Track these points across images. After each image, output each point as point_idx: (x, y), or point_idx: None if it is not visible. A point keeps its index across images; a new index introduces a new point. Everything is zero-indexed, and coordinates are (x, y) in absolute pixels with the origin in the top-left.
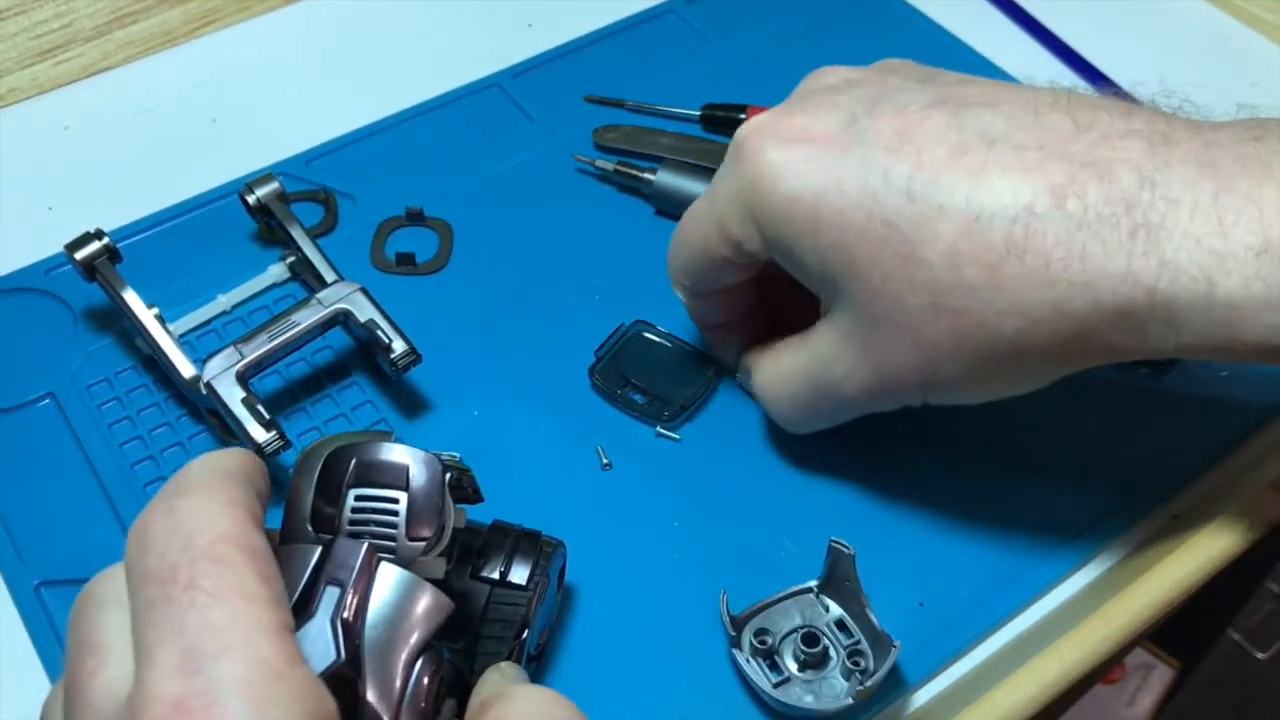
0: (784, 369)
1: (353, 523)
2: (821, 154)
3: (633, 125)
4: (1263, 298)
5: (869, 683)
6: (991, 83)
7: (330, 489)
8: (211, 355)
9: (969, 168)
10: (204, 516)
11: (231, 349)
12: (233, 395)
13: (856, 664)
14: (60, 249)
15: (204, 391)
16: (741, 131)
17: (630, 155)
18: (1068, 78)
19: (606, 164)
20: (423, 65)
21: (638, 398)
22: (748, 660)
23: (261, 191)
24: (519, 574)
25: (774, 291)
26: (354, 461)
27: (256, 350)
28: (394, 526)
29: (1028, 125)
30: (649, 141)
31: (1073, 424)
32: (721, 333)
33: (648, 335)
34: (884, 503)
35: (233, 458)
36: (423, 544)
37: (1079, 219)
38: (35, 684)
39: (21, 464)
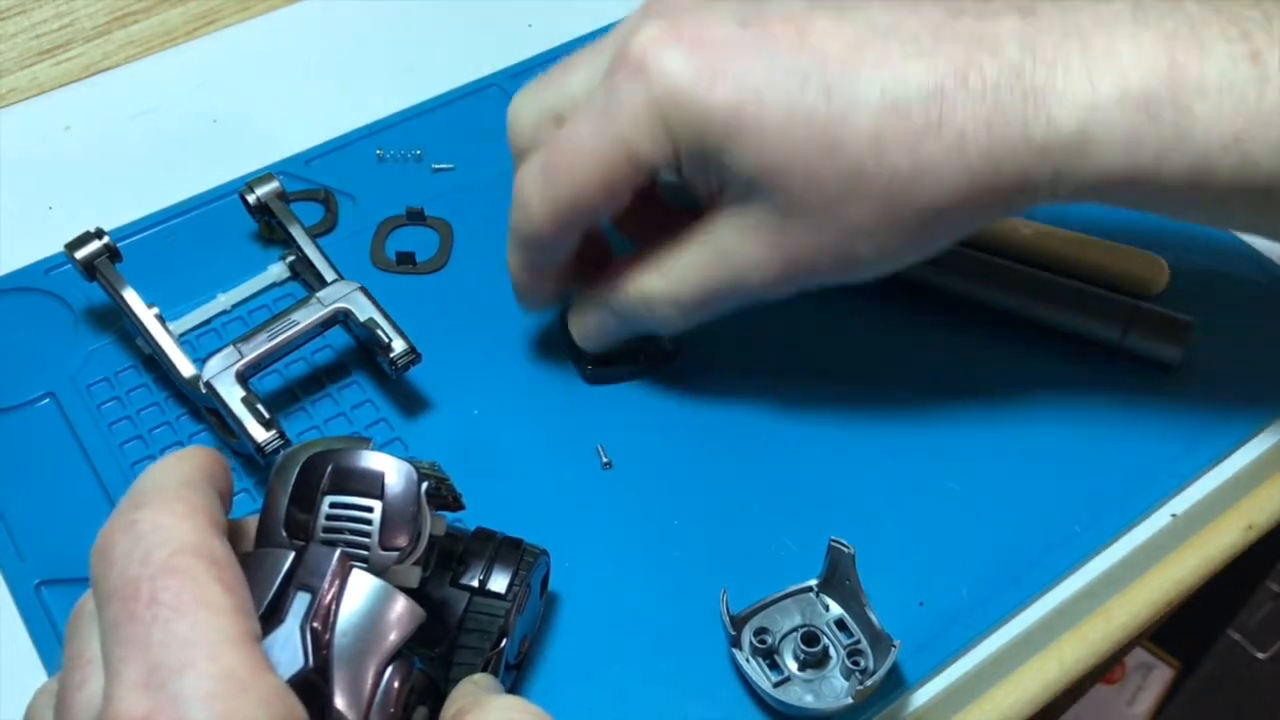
0: (678, 275)
1: (326, 530)
2: (730, 60)
3: None
4: (1124, 139)
5: (869, 682)
6: None
7: (305, 495)
8: (211, 354)
9: (873, 59)
10: (163, 529)
11: (231, 348)
12: (232, 394)
13: (856, 663)
14: (60, 248)
15: (204, 391)
16: (635, 45)
17: None
18: None
19: None
20: (423, 65)
21: (633, 368)
22: (748, 660)
23: (261, 191)
24: (498, 582)
25: None
26: (330, 468)
27: (256, 349)
28: (368, 535)
29: (908, 15)
30: None
31: (1073, 424)
32: (559, 270)
33: None
34: (884, 503)
35: (191, 460)
36: (396, 553)
37: (981, 93)
38: (35, 684)
39: (21, 464)
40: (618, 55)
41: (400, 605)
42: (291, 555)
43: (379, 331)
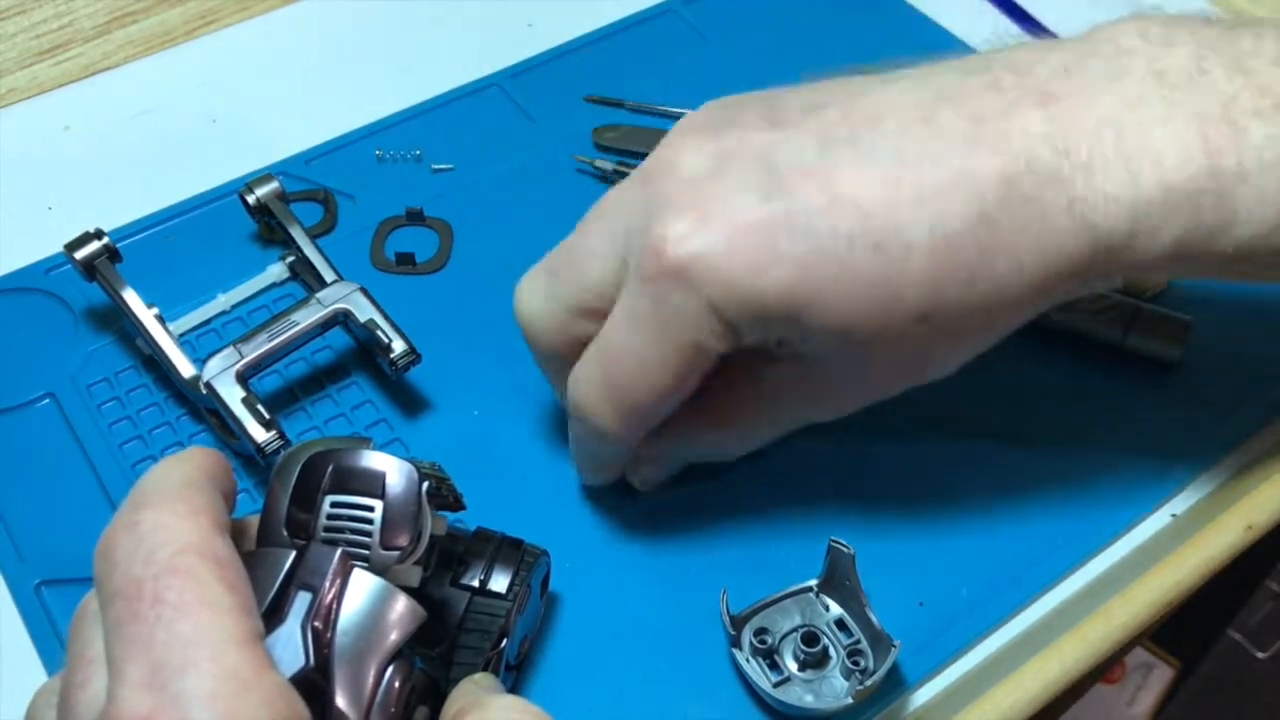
0: (752, 428)
1: (327, 530)
2: (770, 240)
3: (633, 125)
4: (1171, 231)
5: (869, 682)
6: (842, 93)
7: (306, 495)
8: (211, 355)
9: (911, 198)
10: (166, 529)
11: (231, 349)
12: (232, 395)
13: (856, 663)
14: (60, 249)
15: (204, 391)
16: (669, 246)
17: (630, 155)
18: None
19: (606, 164)
20: (422, 65)
21: None
22: (747, 660)
23: (261, 191)
24: (499, 582)
25: None
26: (331, 468)
27: (256, 350)
28: (368, 535)
29: (929, 135)
30: (649, 141)
31: (1073, 424)
32: (629, 452)
33: None
34: (884, 503)
35: (193, 460)
36: (397, 553)
37: (1024, 208)
38: (35, 684)
39: (21, 464)
40: (650, 256)
41: (401, 605)
42: (292, 554)
43: (379, 332)
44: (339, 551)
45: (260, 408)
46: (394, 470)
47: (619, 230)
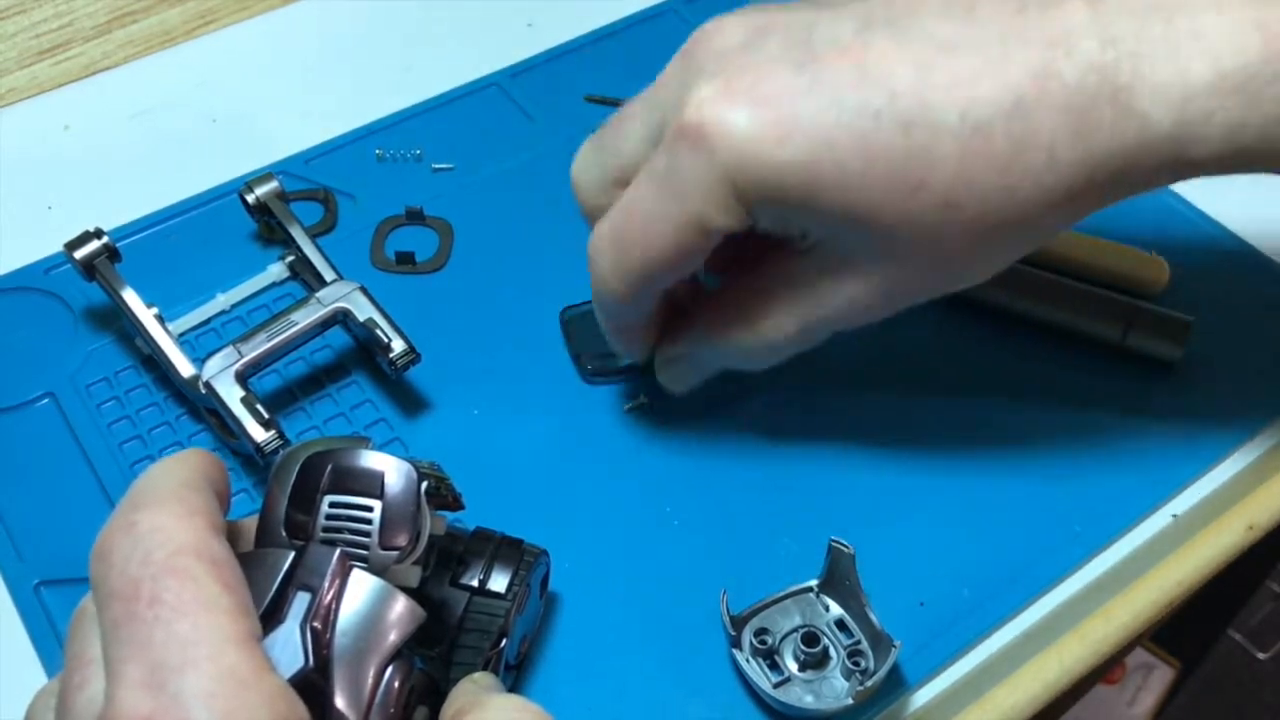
0: (770, 324)
1: (326, 530)
2: (794, 111)
3: None
4: (1224, 125)
5: (869, 682)
6: None
7: (305, 495)
8: (210, 354)
9: (944, 81)
10: (163, 530)
11: (230, 348)
12: (231, 394)
13: (857, 664)
14: (60, 248)
15: (203, 391)
16: (692, 110)
17: None
18: None
19: None
20: (422, 65)
21: (633, 367)
22: (748, 660)
23: (261, 190)
24: (498, 582)
25: None
26: (329, 468)
27: (255, 349)
28: (367, 535)
29: (970, 22)
30: None
31: (1073, 424)
32: (647, 324)
33: (584, 309)
34: (884, 503)
35: (189, 462)
36: (396, 553)
37: (1064, 101)
38: (35, 684)
39: (21, 464)
40: (675, 120)
41: (400, 605)
42: (291, 555)
43: (378, 331)
44: (338, 552)
45: (259, 407)
46: (393, 470)
47: (657, 103)
